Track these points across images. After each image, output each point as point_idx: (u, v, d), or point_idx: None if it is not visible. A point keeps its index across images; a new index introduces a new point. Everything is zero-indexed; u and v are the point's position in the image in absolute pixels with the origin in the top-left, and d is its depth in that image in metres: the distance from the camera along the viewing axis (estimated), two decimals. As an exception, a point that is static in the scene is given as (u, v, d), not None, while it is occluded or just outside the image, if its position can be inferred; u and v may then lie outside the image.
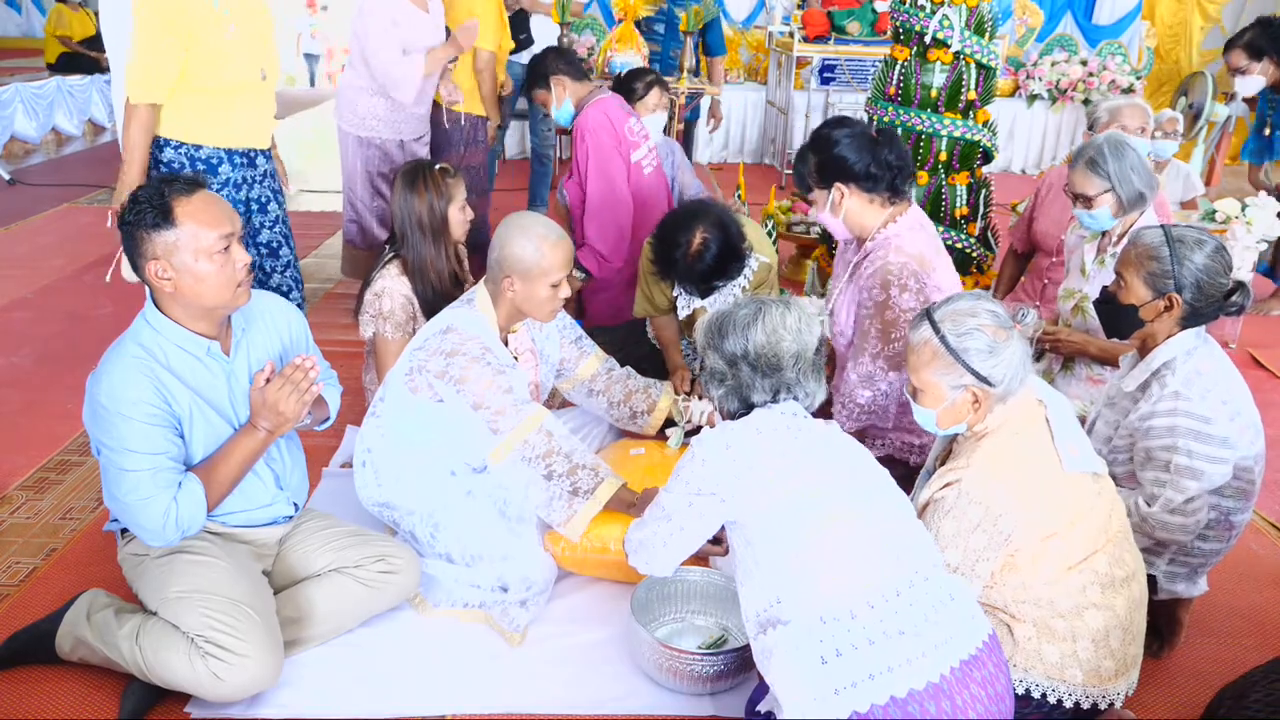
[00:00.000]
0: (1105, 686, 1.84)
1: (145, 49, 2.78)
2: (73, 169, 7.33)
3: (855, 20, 7.07)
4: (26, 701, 2.01)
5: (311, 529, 2.22)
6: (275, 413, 1.95)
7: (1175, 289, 2.07)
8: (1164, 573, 2.18)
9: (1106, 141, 2.78)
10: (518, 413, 2.31)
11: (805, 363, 1.80)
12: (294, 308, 2.22)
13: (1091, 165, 2.75)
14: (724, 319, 1.85)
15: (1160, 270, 2.09)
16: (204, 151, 2.94)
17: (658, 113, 4.15)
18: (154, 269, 1.87)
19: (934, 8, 3.64)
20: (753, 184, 5.93)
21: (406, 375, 2.39)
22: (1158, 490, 2.07)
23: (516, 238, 2.37)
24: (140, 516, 1.88)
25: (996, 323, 1.82)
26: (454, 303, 2.52)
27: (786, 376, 1.79)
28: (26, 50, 11.24)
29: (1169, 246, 2.09)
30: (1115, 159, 2.72)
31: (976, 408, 1.84)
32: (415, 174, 2.96)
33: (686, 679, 2.05)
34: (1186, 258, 2.07)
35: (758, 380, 1.80)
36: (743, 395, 1.82)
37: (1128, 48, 8.20)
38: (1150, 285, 2.10)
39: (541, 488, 2.32)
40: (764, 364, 1.79)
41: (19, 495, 2.82)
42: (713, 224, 2.87)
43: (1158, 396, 2.08)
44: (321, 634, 2.16)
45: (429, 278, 2.91)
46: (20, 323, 4.19)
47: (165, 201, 1.85)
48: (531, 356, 2.64)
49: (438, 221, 2.92)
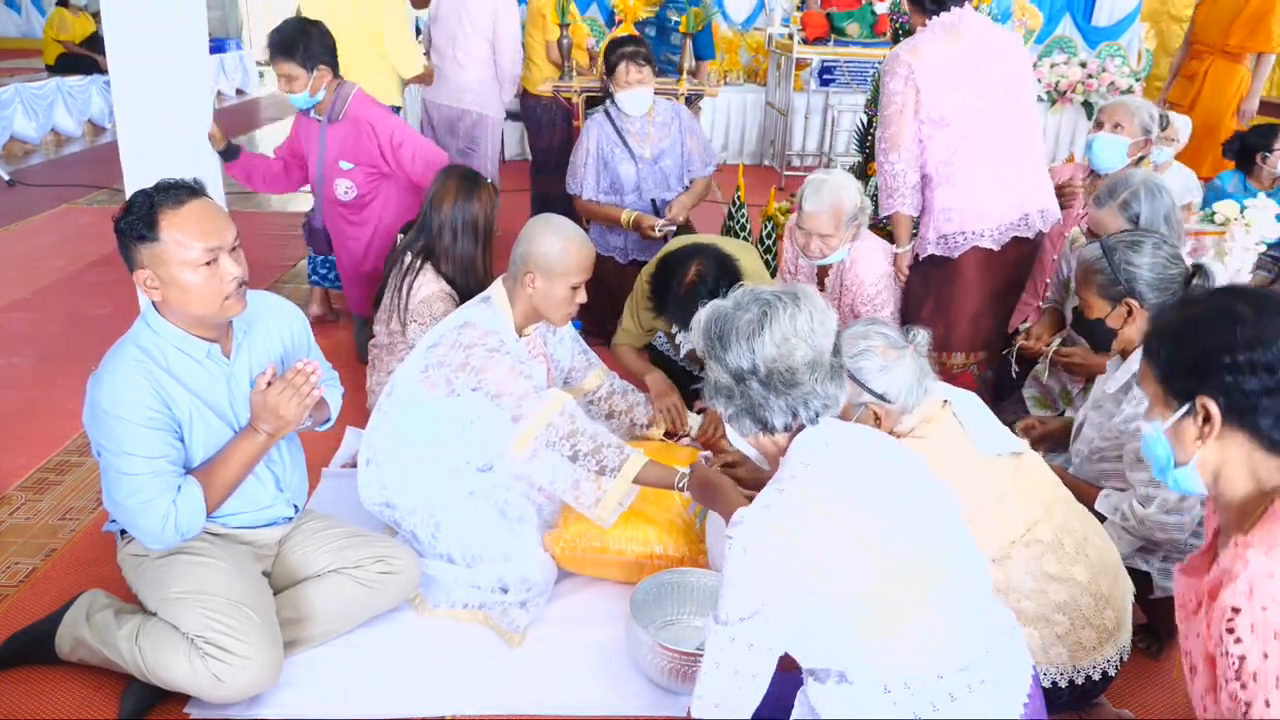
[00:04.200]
0: (1093, 657, 1.88)
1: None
2: (72, 169, 7.33)
3: (855, 22, 7.08)
4: (26, 701, 2.01)
5: (311, 530, 2.22)
6: (275, 416, 1.95)
7: (1128, 294, 2.14)
8: (1158, 569, 2.20)
9: (1143, 184, 2.64)
10: (540, 398, 2.31)
11: (823, 369, 1.54)
12: (297, 310, 2.22)
13: (1124, 208, 2.63)
14: (723, 322, 1.57)
15: (1107, 281, 2.16)
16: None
17: (638, 88, 3.79)
18: (142, 277, 1.87)
19: (934, 9, 3.64)
20: (752, 185, 5.91)
21: (421, 373, 2.39)
22: (1152, 491, 2.08)
23: (545, 234, 2.40)
24: (139, 519, 1.88)
25: (887, 343, 1.92)
26: (470, 301, 2.54)
27: (804, 390, 1.53)
28: (26, 51, 11.22)
29: (1107, 257, 2.16)
30: (1149, 204, 2.60)
31: (878, 424, 1.90)
32: (473, 184, 3.08)
33: (686, 679, 2.05)
34: (1126, 262, 2.14)
35: (772, 399, 1.53)
36: (756, 415, 1.56)
37: (1127, 49, 8.20)
38: (1104, 297, 2.18)
39: (567, 471, 2.30)
40: (777, 380, 1.52)
41: (19, 495, 2.82)
42: (709, 259, 2.84)
43: (1139, 398, 2.11)
44: (321, 634, 2.16)
45: (475, 274, 3.03)
46: (20, 323, 4.19)
47: (152, 213, 1.83)
48: (543, 360, 2.65)
49: (486, 228, 3.06)
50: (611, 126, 3.86)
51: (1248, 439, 1.27)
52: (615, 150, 3.86)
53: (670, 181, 3.95)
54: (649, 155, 3.88)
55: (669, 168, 3.90)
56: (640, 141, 3.87)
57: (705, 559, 2.46)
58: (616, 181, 3.90)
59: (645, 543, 2.42)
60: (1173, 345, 1.34)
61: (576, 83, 4.48)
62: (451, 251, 3.01)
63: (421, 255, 3.01)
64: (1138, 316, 2.16)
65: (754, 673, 1.46)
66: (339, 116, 3.52)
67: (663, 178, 3.91)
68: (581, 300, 2.47)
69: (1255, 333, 1.25)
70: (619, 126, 3.85)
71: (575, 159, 3.94)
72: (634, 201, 3.92)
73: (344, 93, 3.52)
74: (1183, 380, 1.31)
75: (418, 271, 2.99)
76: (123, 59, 3.27)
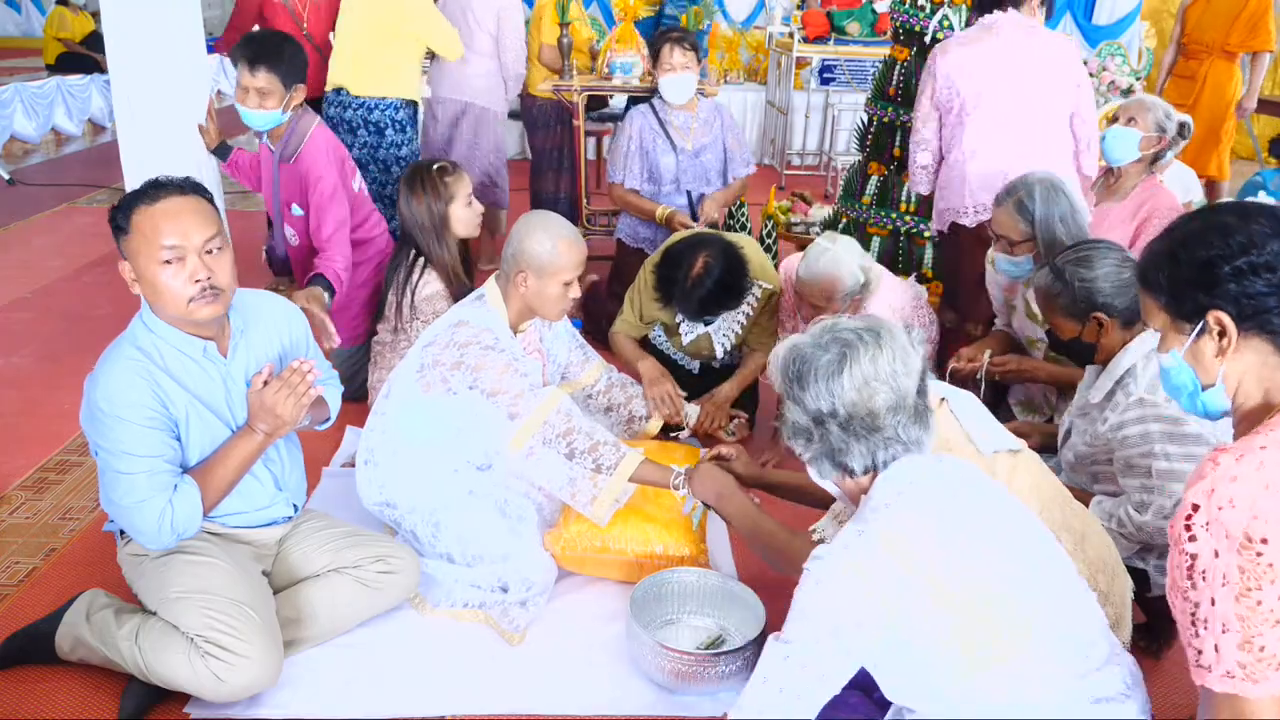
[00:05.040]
0: None
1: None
2: (72, 169, 7.32)
3: (855, 21, 7.07)
4: (26, 701, 2.01)
5: (311, 529, 2.22)
6: (273, 416, 1.94)
7: (1092, 308, 2.14)
8: (1154, 567, 2.20)
9: (1039, 183, 2.63)
10: (536, 395, 2.32)
11: (906, 411, 1.49)
12: (296, 309, 2.22)
13: (1019, 208, 2.63)
14: (802, 361, 1.52)
15: (1068, 301, 2.17)
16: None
17: (682, 73, 3.83)
18: (124, 270, 1.89)
19: (934, 8, 3.65)
20: (752, 184, 5.90)
21: (417, 372, 2.39)
22: (1146, 497, 2.08)
23: (534, 233, 2.40)
24: (135, 519, 1.88)
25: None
26: (464, 299, 2.54)
27: (885, 435, 1.49)
28: (26, 50, 11.22)
29: (1060, 280, 2.17)
30: (1044, 205, 2.60)
31: None
32: (414, 177, 3.00)
33: (686, 679, 2.05)
34: (1080, 279, 2.15)
35: (851, 443, 1.49)
36: (835, 460, 1.53)
37: (1127, 48, 8.18)
38: (1071, 316, 2.18)
39: (564, 469, 2.31)
40: (857, 425, 1.48)
41: (19, 495, 2.82)
42: (717, 252, 2.88)
43: (1124, 405, 2.11)
44: (321, 634, 2.16)
45: (443, 266, 3.01)
46: (20, 323, 4.18)
47: (129, 206, 1.85)
48: (539, 356, 2.65)
49: (437, 221, 3.00)
50: (655, 117, 3.93)
51: (1266, 343, 1.30)
52: (657, 140, 3.90)
53: (710, 176, 3.98)
54: (690, 148, 3.92)
55: (709, 163, 3.94)
56: (682, 134, 3.91)
57: (706, 559, 2.46)
58: (655, 172, 3.94)
59: (645, 542, 2.42)
60: (1170, 267, 1.35)
61: (577, 82, 4.48)
62: (426, 250, 3.02)
63: (417, 256, 3.05)
64: (1110, 326, 2.16)
65: (799, 694, 1.43)
66: (292, 157, 3.24)
67: (702, 171, 3.95)
68: (575, 295, 2.48)
69: (1247, 238, 1.28)
70: (662, 118, 3.91)
71: (616, 147, 4.01)
72: (671, 193, 3.94)
73: (302, 128, 3.23)
74: (1190, 299, 1.33)
75: (422, 270, 3.02)
76: (122, 58, 3.27)
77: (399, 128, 4.18)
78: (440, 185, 3.01)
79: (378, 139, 4.16)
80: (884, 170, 3.94)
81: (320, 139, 3.26)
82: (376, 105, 4.10)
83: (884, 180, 3.93)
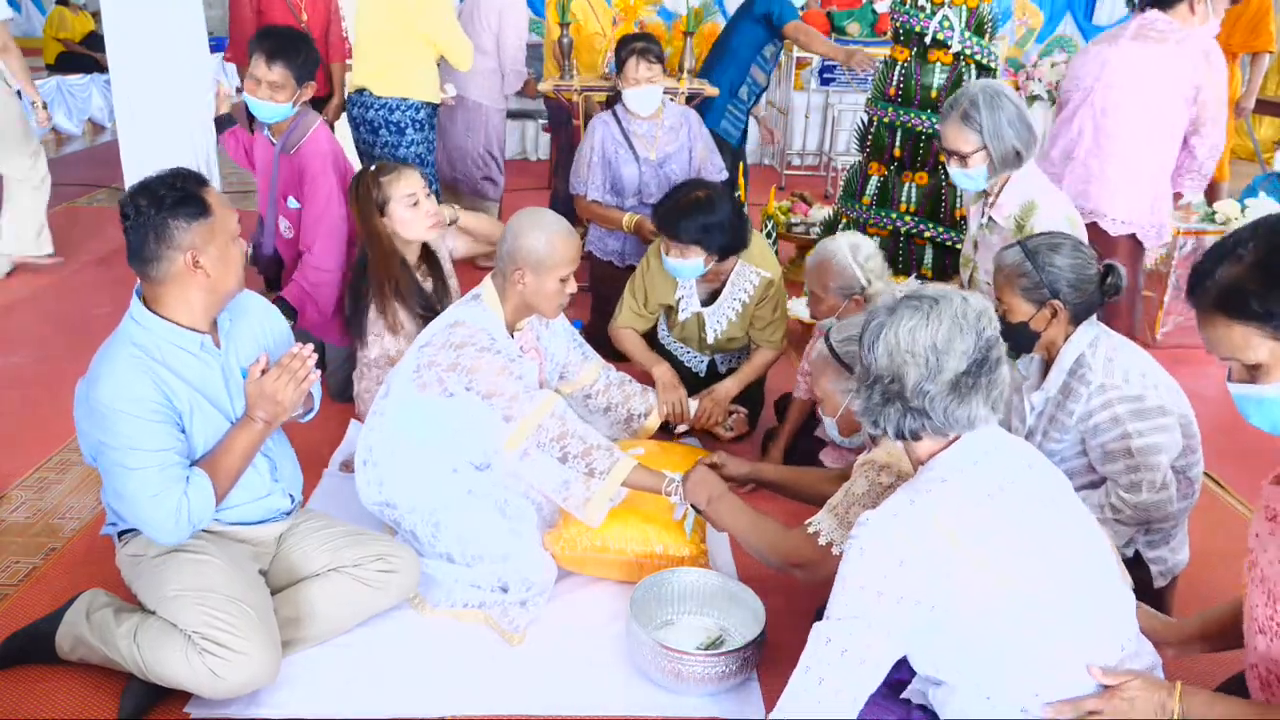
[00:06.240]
0: None
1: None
2: (72, 169, 7.31)
3: (855, 21, 7.08)
4: (26, 701, 2.01)
5: (310, 529, 2.22)
6: (273, 402, 1.97)
7: (1051, 295, 2.15)
8: (1144, 542, 2.23)
9: (981, 91, 2.60)
10: (530, 399, 2.32)
11: (940, 388, 1.45)
12: (273, 307, 2.26)
13: (965, 119, 2.60)
14: (869, 315, 1.56)
15: (1031, 284, 2.17)
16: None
17: (647, 86, 3.71)
18: (188, 259, 1.89)
19: (934, 8, 3.65)
20: (753, 184, 5.92)
21: (414, 373, 2.39)
22: (1135, 477, 2.11)
23: (530, 230, 2.41)
24: (151, 513, 1.88)
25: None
26: (460, 299, 2.54)
27: (913, 406, 1.47)
28: (26, 50, 11.18)
29: (1030, 260, 2.17)
30: (989, 111, 2.57)
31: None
32: (352, 185, 3.02)
33: (685, 679, 2.05)
34: (1049, 264, 2.15)
35: (885, 408, 1.50)
36: (871, 418, 1.53)
37: (1127, 48, 8.20)
38: (1028, 299, 2.18)
39: (557, 472, 2.32)
40: (885, 389, 1.49)
41: (19, 495, 2.82)
42: (721, 193, 3.03)
43: (1087, 395, 2.14)
44: (320, 634, 2.16)
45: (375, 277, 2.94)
46: (20, 323, 4.19)
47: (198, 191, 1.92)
48: (536, 355, 2.65)
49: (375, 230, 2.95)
50: (617, 126, 3.79)
51: None
52: (619, 151, 3.78)
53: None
54: (654, 158, 3.78)
55: (674, 172, 3.79)
56: (646, 144, 3.79)
57: (706, 559, 2.47)
58: (618, 183, 3.81)
59: (645, 542, 2.42)
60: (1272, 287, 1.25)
61: (577, 82, 4.48)
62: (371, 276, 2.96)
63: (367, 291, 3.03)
64: (1061, 317, 2.17)
65: (839, 687, 1.41)
66: (293, 149, 3.28)
67: (667, 182, 3.75)
68: (572, 290, 2.50)
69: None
70: (625, 127, 3.78)
71: (580, 158, 3.88)
72: (634, 205, 3.83)
73: (305, 123, 3.30)
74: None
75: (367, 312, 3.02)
76: (123, 57, 3.29)
77: (419, 127, 4.31)
78: (374, 187, 2.90)
79: (399, 138, 4.27)
80: (884, 171, 3.94)
81: (322, 137, 3.33)
82: (399, 106, 4.23)
83: (884, 181, 3.93)
